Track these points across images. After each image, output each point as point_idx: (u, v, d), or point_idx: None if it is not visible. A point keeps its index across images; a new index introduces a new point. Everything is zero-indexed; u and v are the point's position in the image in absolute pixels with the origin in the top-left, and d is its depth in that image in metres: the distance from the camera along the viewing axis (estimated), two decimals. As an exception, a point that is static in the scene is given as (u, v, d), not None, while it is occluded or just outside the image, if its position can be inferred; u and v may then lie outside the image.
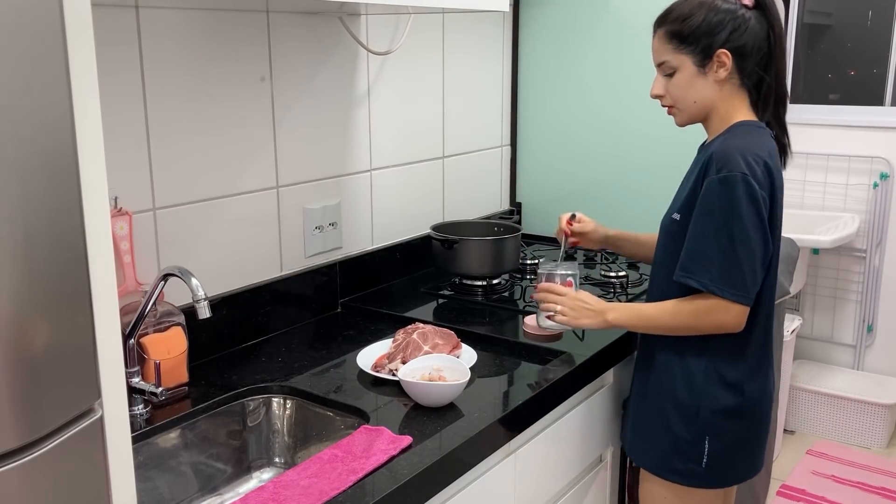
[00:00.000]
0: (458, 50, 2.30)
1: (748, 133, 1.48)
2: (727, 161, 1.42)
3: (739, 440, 1.54)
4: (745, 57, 1.47)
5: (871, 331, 3.51)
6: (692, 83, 1.50)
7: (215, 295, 1.65)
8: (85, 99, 0.80)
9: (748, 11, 1.46)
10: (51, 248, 0.75)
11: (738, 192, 1.40)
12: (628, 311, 1.55)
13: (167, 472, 1.38)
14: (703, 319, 1.46)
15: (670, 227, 1.54)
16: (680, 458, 1.55)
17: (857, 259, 3.48)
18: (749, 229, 1.41)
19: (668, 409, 1.55)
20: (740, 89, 1.51)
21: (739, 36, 1.45)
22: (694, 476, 1.55)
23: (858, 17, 3.59)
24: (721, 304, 1.43)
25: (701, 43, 1.47)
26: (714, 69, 1.47)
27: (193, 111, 1.58)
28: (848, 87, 3.64)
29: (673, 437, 1.55)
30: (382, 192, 2.09)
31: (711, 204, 1.42)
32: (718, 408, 1.51)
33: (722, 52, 1.46)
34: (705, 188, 1.44)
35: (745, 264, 1.41)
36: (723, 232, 1.41)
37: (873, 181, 3.38)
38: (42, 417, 0.75)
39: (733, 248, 1.41)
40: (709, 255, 1.42)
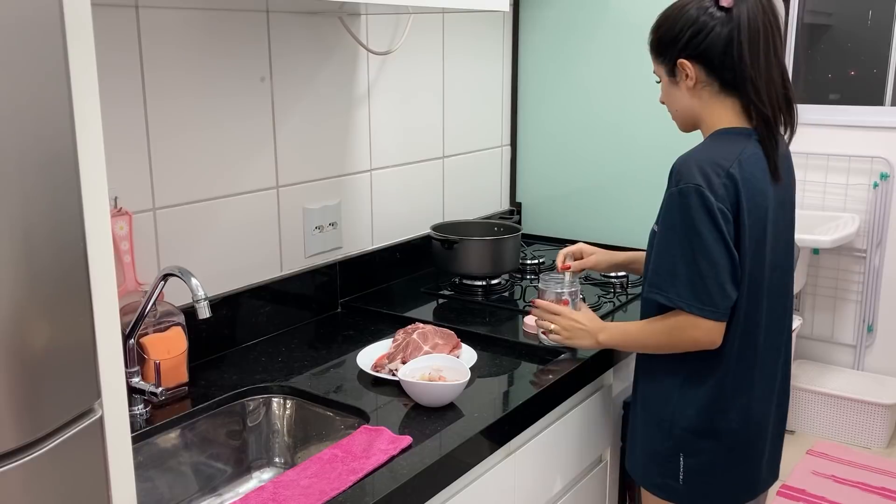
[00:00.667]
0: (458, 50, 2.30)
1: (719, 142, 1.43)
2: (683, 173, 1.38)
3: (719, 462, 1.48)
4: (715, 60, 1.40)
5: (871, 331, 3.51)
6: (669, 93, 1.50)
7: (215, 295, 1.65)
8: (85, 99, 0.80)
9: (717, 15, 1.39)
10: (51, 249, 0.75)
11: (692, 203, 1.35)
12: (616, 330, 1.55)
13: (167, 472, 1.38)
14: (677, 337, 1.42)
15: (652, 238, 1.49)
16: (659, 471, 1.52)
17: (858, 259, 3.48)
18: (708, 242, 1.35)
19: (650, 421, 1.53)
20: (720, 95, 1.44)
21: (699, 43, 1.40)
22: (672, 492, 1.51)
23: (858, 17, 3.59)
24: (691, 321, 1.39)
25: (667, 54, 1.46)
26: (684, 78, 1.45)
27: (193, 111, 1.58)
28: (848, 87, 3.64)
29: (653, 449, 1.53)
30: (382, 192, 2.09)
31: (672, 217, 1.39)
32: (690, 426, 1.47)
33: (681, 62, 1.43)
34: (665, 201, 1.42)
35: (709, 278, 1.36)
36: (685, 245, 1.37)
37: (873, 181, 3.38)
38: (42, 417, 0.75)
39: (695, 262, 1.36)
40: (674, 269, 1.38)
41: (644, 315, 1.54)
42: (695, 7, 1.42)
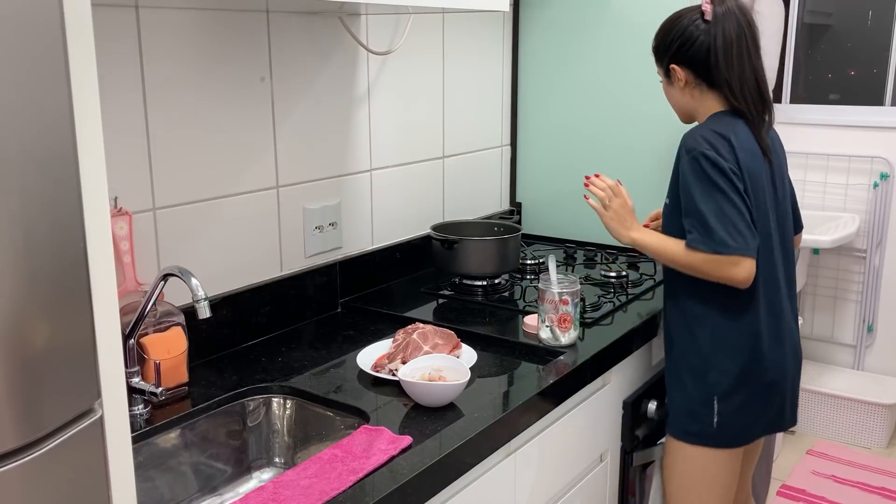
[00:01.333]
0: (458, 50, 2.30)
1: (715, 119, 1.68)
2: (691, 144, 1.63)
3: (750, 403, 1.69)
4: (700, 65, 1.67)
5: (871, 331, 3.51)
6: (668, 92, 1.78)
7: (215, 295, 1.65)
8: (85, 99, 0.80)
9: (702, 25, 1.66)
10: (51, 248, 0.75)
11: (705, 165, 1.59)
12: (653, 238, 1.74)
13: (167, 472, 1.38)
14: (715, 269, 1.60)
15: (665, 211, 1.76)
16: (694, 419, 1.72)
17: (858, 259, 3.48)
18: (728, 193, 1.58)
19: (684, 374, 1.73)
20: (709, 92, 1.70)
21: (687, 50, 1.67)
22: (707, 436, 1.71)
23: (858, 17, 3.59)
24: (731, 259, 1.58)
25: (663, 59, 1.74)
26: (676, 80, 1.72)
27: (193, 111, 1.58)
28: (848, 87, 3.64)
29: (688, 399, 1.72)
30: (382, 192, 2.09)
31: (689, 181, 1.62)
32: (724, 370, 1.68)
33: (672, 67, 1.71)
34: (681, 170, 1.64)
35: (739, 222, 1.58)
36: (708, 201, 1.59)
37: (873, 181, 3.38)
38: (42, 417, 0.75)
39: (723, 212, 1.58)
40: (706, 224, 1.59)
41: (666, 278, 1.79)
42: (685, 19, 1.69)
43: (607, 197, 1.78)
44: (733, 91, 1.66)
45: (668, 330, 1.79)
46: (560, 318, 1.66)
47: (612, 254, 2.37)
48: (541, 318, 1.68)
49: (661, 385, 1.99)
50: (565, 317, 1.65)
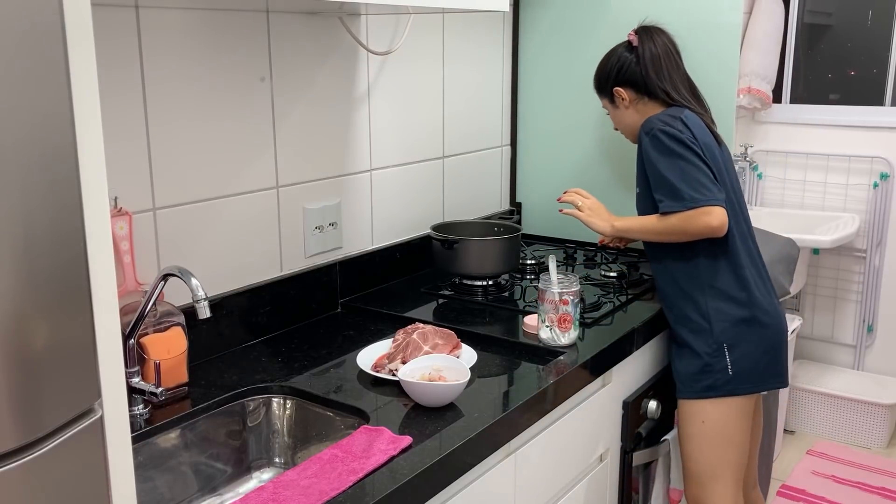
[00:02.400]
0: (458, 50, 2.30)
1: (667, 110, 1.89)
2: (647, 125, 1.83)
3: (758, 346, 1.84)
4: (637, 81, 1.93)
5: (871, 331, 3.51)
6: (616, 114, 2.02)
7: (215, 295, 1.65)
8: (85, 99, 0.80)
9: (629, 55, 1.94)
10: (51, 248, 0.75)
11: (662, 139, 1.78)
12: (632, 220, 1.90)
13: (167, 472, 1.38)
14: (690, 224, 1.75)
15: (638, 201, 1.92)
16: (708, 374, 1.84)
17: (858, 259, 3.48)
18: (688, 156, 1.76)
19: (687, 336, 1.86)
20: (652, 101, 1.93)
21: (625, 73, 1.94)
22: (725, 385, 1.83)
23: (858, 17, 3.59)
24: (702, 210, 1.73)
25: (605, 88, 2.00)
26: (621, 100, 1.96)
27: (193, 111, 1.58)
28: (848, 87, 3.64)
29: (697, 357, 1.84)
30: (382, 192, 2.09)
31: (652, 157, 1.80)
32: (727, 319, 1.82)
33: (615, 91, 1.96)
34: (644, 152, 1.83)
35: (702, 177, 1.75)
36: (671, 167, 1.76)
37: (873, 181, 3.38)
38: (42, 417, 0.75)
39: (685, 172, 1.75)
40: (673, 187, 1.76)
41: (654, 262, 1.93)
42: (618, 51, 1.98)
43: (578, 199, 1.99)
44: (670, 95, 1.90)
45: (665, 301, 1.91)
46: (560, 318, 1.66)
47: (611, 253, 2.37)
48: (541, 318, 1.68)
49: (660, 385, 1.99)
50: (565, 317, 1.66)
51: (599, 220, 1.96)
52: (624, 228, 1.92)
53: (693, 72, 2.28)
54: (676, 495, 2.07)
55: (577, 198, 2.00)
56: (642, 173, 1.86)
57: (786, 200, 3.55)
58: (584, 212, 1.98)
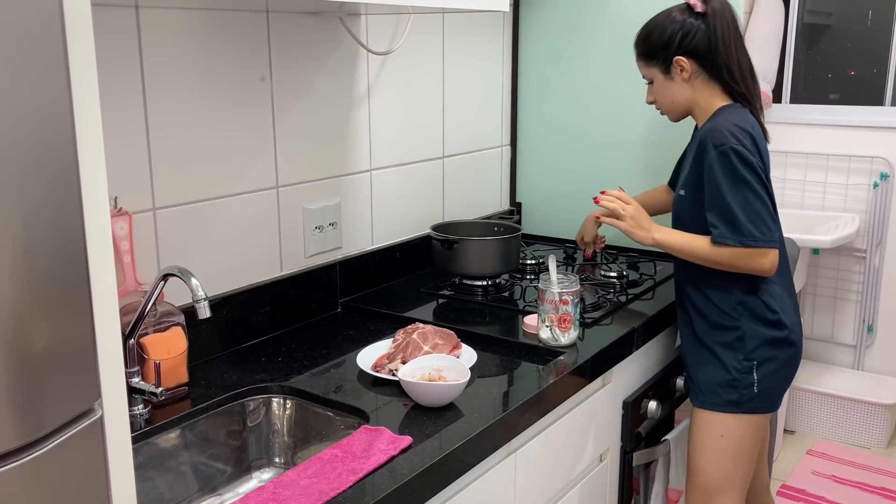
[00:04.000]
0: (458, 50, 2.30)
1: (731, 112, 1.75)
2: (719, 137, 1.67)
3: (784, 366, 1.80)
4: (701, 56, 1.75)
5: (871, 331, 3.51)
6: (666, 88, 1.81)
7: (215, 295, 1.65)
8: (85, 99, 0.80)
9: (697, 18, 1.74)
10: (51, 248, 0.75)
11: (733, 160, 1.65)
12: (676, 235, 1.77)
13: (167, 472, 1.38)
14: (744, 262, 1.68)
15: (679, 202, 1.81)
16: (733, 389, 1.78)
17: (858, 259, 3.48)
18: (755, 186, 1.65)
19: (716, 349, 1.79)
20: (710, 81, 1.77)
21: (690, 41, 1.74)
22: (749, 402, 1.78)
23: (858, 17, 3.59)
24: (758, 252, 1.67)
25: (660, 55, 1.78)
26: (678, 72, 1.77)
27: (193, 111, 1.58)
28: (848, 87, 3.64)
29: (725, 371, 1.78)
30: (382, 192, 2.09)
31: (717, 175, 1.67)
32: (764, 338, 1.76)
33: (678, 59, 1.76)
34: (707, 164, 1.68)
35: (765, 214, 1.66)
36: (737, 195, 1.65)
37: (873, 181, 3.38)
38: (42, 417, 0.75)
39: (750, 205, 1.65)
40: (733, 216, 1.66)
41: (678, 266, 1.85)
42: (677, 15, 1.77)
43: (620, 207, 1.81)
44: (734, 76, 1.75)
45: (694, 306, 1.83)
46: (560, 318, 1.66)
47: (612, 254, 2.36)
48: (541, 318, 1.68)
49: (660, 385, 1.99)
50: (565, 317, 1.66)
51: (641, 231, 1.79)
52: (666, 243, 1.78)
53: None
54: (675, 495, 2.07)
55: (619, 205, 1.81)
56: (693, 178, 1.74)
57: (786, 200, 3.55)
58: (627, 221, 1.80)
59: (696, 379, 1.85)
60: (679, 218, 1.81)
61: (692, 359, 1.86)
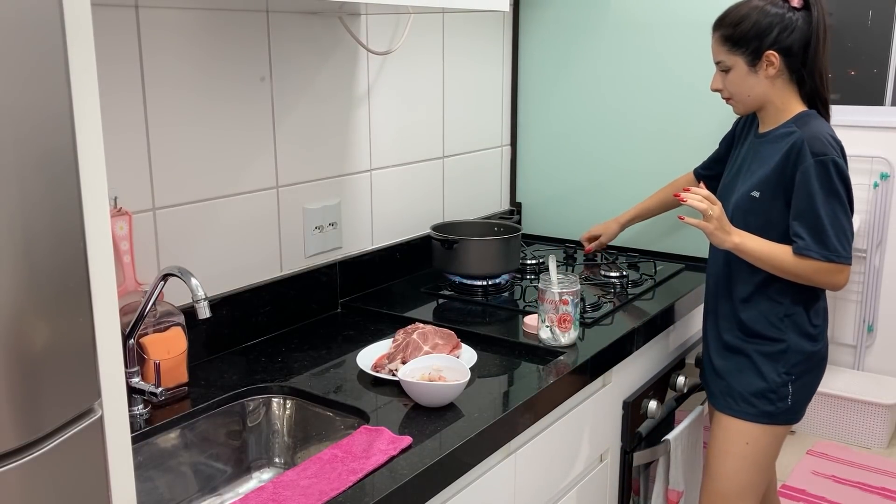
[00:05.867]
0: (458, 50, 2.30)
1: (820, 121, 1.71)
2: (820, 146, 1.63)
3: (813, 379, 1.80)
4: (792, 55, 1.67)
5: (871, 331, 3.51)
6: (745, 80, 1.71)
7: (215, 295, 1.65)
8: (85, 99, 0.80)
9: (796, 13, 1.66)
10: (51, 248, 0.74)
11: (832, 172, 1.61)
12: (756, 242, 1.69)
13: (167, 472, 1.38)
14: (822, 277, 1.66)
15: (749, 203, 1.73)
16: (768, 401, 1.77)
17: (858, 259, 3.48)
18: (845, 203, 1.63)
19: (756, 359, 1.77)
20: (790, 83, 1.71)
21: (787, 37, 1.66)
22: (782, 414, 1.77)
23: (858, 17, 3.59)
24: (838, 268, 1.65)
25: (751, 45, 1.67)
26: (764, 68, 1.68)
27: (193, 111, 1.58)
28: (848, 87, 3.64)
29: (763, 382, 1.76)
30: (382, 192, 2.09)
31: (813, 185, 1.62)
32: (805, 351, 1.75)
33: (770, 53, 1.66)
34: (803, 171, 1.63)
35: (849, 227, 1.64)
36: (827, 208, 1.62)
37: (873, 181, 3.38)
38: (42, 417, 0.75)
39: (839, 221, 1.62)
40: (822, 229, 1.62)
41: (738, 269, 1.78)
42: (775, 6, 1.67)
43: (708, 207, 1.65)
44: (823, 80, 1.71)
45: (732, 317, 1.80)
46: (560, 318, 1.66)
47: (612, 254, 2.36)
48: (541, 318, 1.68)
49: (660, 385, 1.99)
50: (565, 317, 1.65)
51: (723, 234, 1.67)
52: (745, 249, 1.68)
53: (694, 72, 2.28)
54: (675, 496, 2.07)
55: (708, 205, 1.65)
56: (775, 182, 1.67)
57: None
58: (713, 223, 1.65)
59: (728, 384, 1.82)
60: (745, 220, 1.72)
61: (724, 366, 1.83)
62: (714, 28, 1.74)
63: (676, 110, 2.32)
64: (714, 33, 1.74)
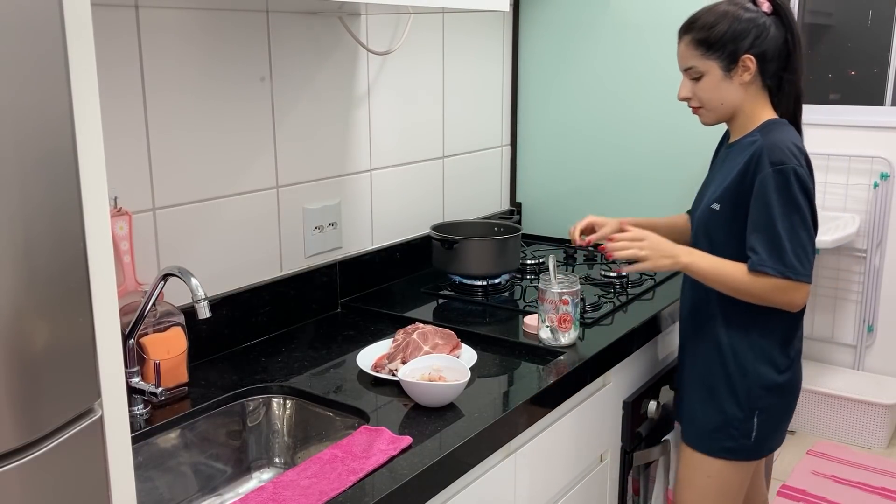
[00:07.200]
0: (458, 50, 2.30)
1: (786, 129, 1.60)
2: (780, 154, 1.53)
3: (781, 412, 1.69)
4: (766, 60, 1.58)
5: (871, 331, 3.51)
6: (719, 87, 1.61)
7: (215, 295, 1.65)
8: (85, 99, 0.80)
9: (768, 18, 1.58)
10: (51, 249, 0.75)
11: (791, 182, 1.52)
12: (706, 260, 1.61)
13: (167, 472, 1.38)
14: (778, 296, 1.55)
15: (711, 217, 1.65)
16: (731, 436, 1.67)
17: (858, 259, 3.48)
18: (805, 216, 1.53)
19: (721, 389, 1.67)
20: (762, 90, 1.62)
21: (762, 42, 1.57)
22: (744, 450, 1.68)
23: (858, 17, 3.59)
24: (794, 285, 1.54)
25: (727, 49, 1.58)
26: (739, 73, 1.59)
27: (193, 111, 1.58)
28: (848, 87, 3.64)
29: (725, 416, 1.67)
30: (382, 192, 2.09)
31: (770, 196, 1.53)
32: (769, 385, 1.64)
33: (747, 58, 1.57)
34: (761, 181, 1.54)
35: (809, 247, 1.54)
36: (785, 220, 1.52)
37: (873, 181, 3.38)
38: (42, 417, 0.75)
39: (797, 235, 1.53)
40: (779, 244, 1.52)
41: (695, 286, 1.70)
42: (748, 10, 1.58)
43: (636, 250, 1.62)
44: (793, 90, 1.61)
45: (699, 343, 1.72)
46: (560, 318, 1.66)
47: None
48: (541, 318, 1.68)
49: (660, 385, 1.99)
50: (565, 317, 1.65)
51: (665, 259, 1.62)
52: (694, 268, 1.61)
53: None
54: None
55: (633, 249, 1.62)
56: (735, 193, 1.59)
57: (786, 200, 3.55)
58: (650, 260, 1.62)
59: (689, 414, 1.76)
60: (709, 235, 1.66)
61: (689, 394, 1.76)
62: (683, 32, 1.63)
63: (676, 110, 2.31)
64: (683, 37, 1.63)
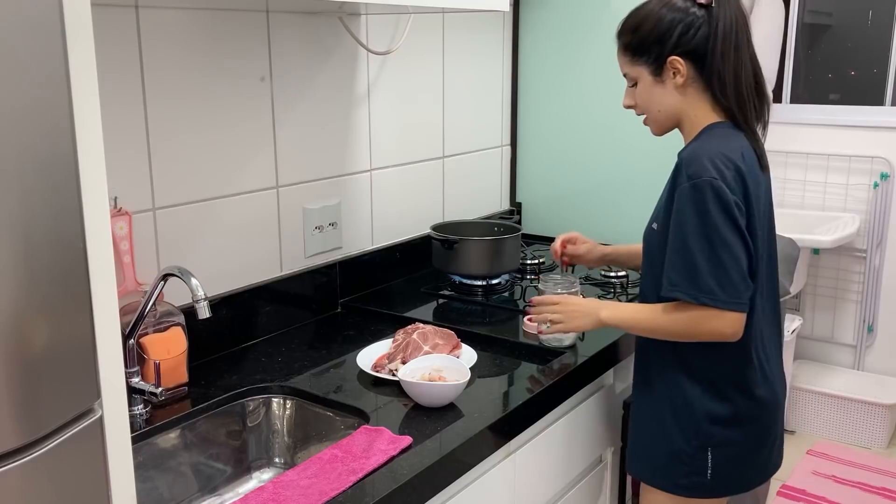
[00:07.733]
0: (458, 50, 2.30)
1: (718, 136, 1.44)
2: (694, 167, 1.37)
3: (744, 448, 1.50)
4: (701, 58, 1.42)
5: (871, 331, 3.51)
6: (652, 92, 1.48)
7: (215, 295, 1.65)
8: (85, 99, 0.80)
9: (700, 10, 1.41)
10: (51, 249, 0.75)
11: (707, 197, 1.35)
12: (623, 311, 1.52)
13: (167, 472, 1.38)
14: (700, 327, 1.39)
15: (650, 237, 1.52)
16: (683, 472, 1.50)
17: (858, 259, 3.48)
18: (726, 234, 1.35)
19: (668, 421, 1.50)
20: (705, 92, 1.45)
21: (690, 39, 1.41)
22: (700, 487, 1.50)
23: (858, 17, 3.59)
24: (715, 313, 1.37)
25: (652, 52, 1.45)
26: (671, 76, 1.45)
27: (193, 111, 1.58)
28: (848, 87, 3.64)
29: (674, 450, 1.50)
30: (382, 192, 2.09)
31: (684, 212, 1.38)
32: (720, 418, 1.47)
33: (674, 59, 1.43)
34: (677, 196, 1.40)
35: (732, 269, 1.35)
36: (702, 239, 1.36)
37: (873, 181, 3.38)
38: (42, 417, 0.75)
39: (716, 255, 1.35)
40: (694, 265, 1.36)
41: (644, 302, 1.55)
42: (676, 5, 1.43)
43: (549, 313, 1.58)
44: (723, 86, 1.42)
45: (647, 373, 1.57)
46: (560, 319, 1.65)
47: (612, 254, 2.36)
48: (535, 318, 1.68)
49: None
50: (565, 317, 1.65)
51: (583, 320, 1.54)
52: (612, 322, 1.52)
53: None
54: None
55: (544, 315, 1.59)
56: (667, 209, 1.44)
57: (786, 200, 3.55)
58: (565, 322, 1.56)
59: (637, 442, 1.60)
60: (650, 255, 1.53)
61: (643, 428, 1.58)
62: (616, 37, 1.53)
63: (676, 110, 2.31)
64: (617, 43, 1.53)
